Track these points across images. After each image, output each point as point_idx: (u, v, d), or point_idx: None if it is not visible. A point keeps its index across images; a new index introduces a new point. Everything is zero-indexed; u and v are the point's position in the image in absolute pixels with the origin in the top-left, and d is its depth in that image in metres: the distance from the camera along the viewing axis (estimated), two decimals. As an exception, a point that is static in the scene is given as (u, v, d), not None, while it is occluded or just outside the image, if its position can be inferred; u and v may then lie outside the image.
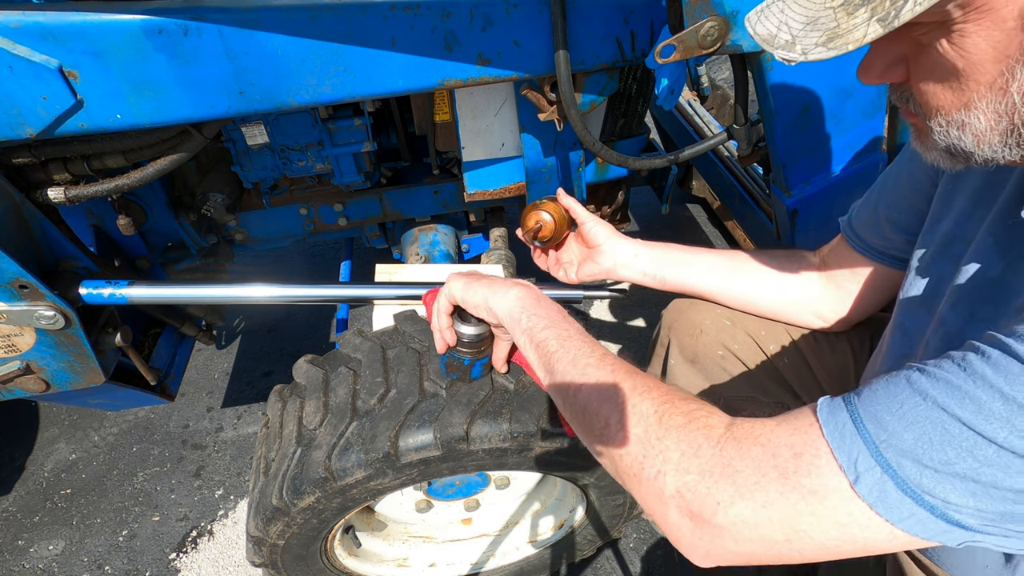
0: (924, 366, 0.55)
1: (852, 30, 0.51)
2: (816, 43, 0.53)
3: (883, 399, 0.55)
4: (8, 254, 0.92)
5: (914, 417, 0.53)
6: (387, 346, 1.08)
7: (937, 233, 0.81)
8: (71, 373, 1.12)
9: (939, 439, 0.51)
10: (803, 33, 0.54)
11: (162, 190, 1.30)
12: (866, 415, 0.55)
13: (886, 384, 0.56)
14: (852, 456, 0.54)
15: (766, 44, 0.57)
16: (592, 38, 1.01)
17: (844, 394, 0.59)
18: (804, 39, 0.54)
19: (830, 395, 0.60)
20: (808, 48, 0.53)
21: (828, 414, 0.57)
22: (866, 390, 0.57)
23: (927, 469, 0.51)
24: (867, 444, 0.54)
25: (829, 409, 0.58)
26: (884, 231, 0.96)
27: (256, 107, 0.94)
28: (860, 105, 1.17)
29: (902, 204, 0.92)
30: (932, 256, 0.82)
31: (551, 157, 1.34)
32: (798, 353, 1.14)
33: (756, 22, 0.59)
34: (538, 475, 1.38)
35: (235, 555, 1.68)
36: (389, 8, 0.89)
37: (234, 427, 2.01)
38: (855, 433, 0.55)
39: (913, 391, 0.54)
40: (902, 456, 0.52)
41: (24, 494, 1.83)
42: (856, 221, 1.01)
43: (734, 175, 1.69)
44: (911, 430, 0.52)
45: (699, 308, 1.20)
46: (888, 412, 0.54)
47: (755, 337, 1.15)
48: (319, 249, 2.70)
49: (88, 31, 0.81)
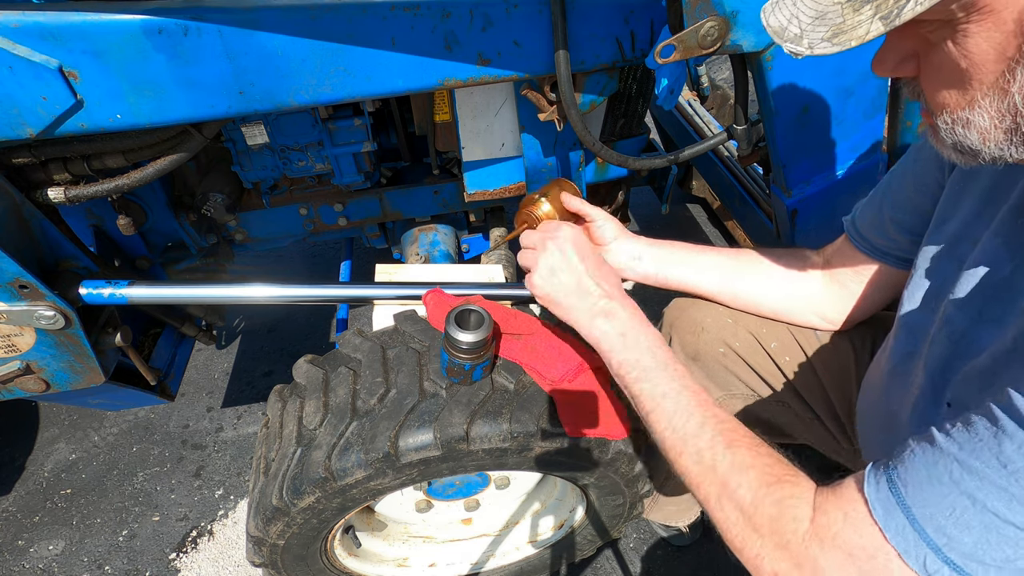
0: (962, 455, 0.58)
1: (856, 27, 0.51)
2: (822, 38, 0.54)
3: (934, 503, 0.59)
4: (8, 254, 0.92)
5: (969, 522, 0.57)
6: (387, 346, 1.08)
7: (944, 233, 0.82)
8: (71, 373, 1.12)
9: (997, 541, 0.56)
10: (811, 27, 0.55)
11: (162, 190, 1.30)
12: (923, 519, 0.59)
13: (931, 479, 0.59)
14: (920, 560, 0.59)
15: (776, 36, 0.58)
16: (592, 38, 1.01)
17: (887, 480, 0.63)
18: (811, 33, 0.55)
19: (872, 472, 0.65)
20: (814, 42, 0.54)
21: (885, 516, 0.62)
22: (912, 482, 0.61)
23: (991, 567, 0.57)
24: (932, 549, 0.59)
25: (884, 510, 0.62)
26: (888, 232, 0.96)
27: (256, 107, 0.94)
28: (860, 105, 1.17)
29: (907, 205, 0.92)
30: (938, 256, 0.82)
31: (551, 157, 1.34)
32: (799, 351, 1.14)
33: (770, 13, 0.60)
34: (538, 475, 1.38)
35: (235, 555, 1.69)
36: (389, 8, 0.89)
37: (234, 427, 2.01)
38: (917, 538, 0.60)
39: (962, 494, 0.57)
40: (967, 558, 0.58)
41: (24, 494, 1.83)
42: (860, 221, 1.01)
43: (734, 175, 1.69)
44: (969, 534, 0.57)
45: (700, 306, 1.20)
46: (944, 518, 0.58)
47: (756, 335, 1.15)
48: (319, 249, 2.70)
49: (88, 31, 0.81)
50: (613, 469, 1.10)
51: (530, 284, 1.02)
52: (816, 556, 0.65)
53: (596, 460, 1.07)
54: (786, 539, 0.67)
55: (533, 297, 1.20)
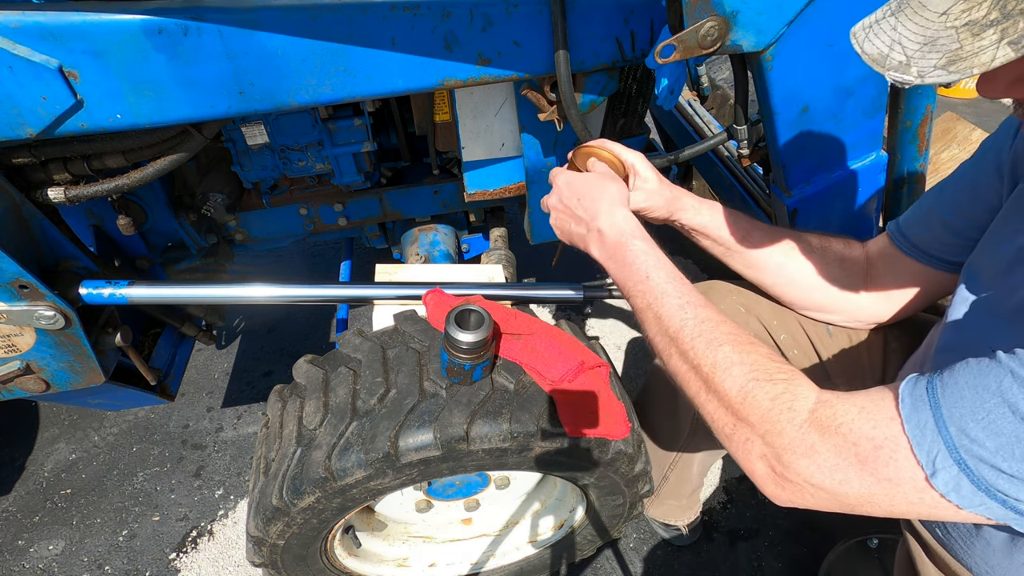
0: (1020, 370, 0.56)
1: (979, 53, 0.48)
2: (935, 65, 0.50)
3: (969, 403, 0.57)
4: (8, 254, 0.92)
5: (999, 428, 0.56)
6: (387, 346, 1.08)
7: (1000, 251, 0.79)
8: (71, 373, 1.12)
9: (1022, 452, 0.54)
10: (919, 54, 0.51)
11: (162, 190, 1.30)
12: (949, 418, 0.58)
13: (974, 383, 0.58)
14: (931, 454, 0.59)
15: (876, 64, 0.54)
16: (592, 38, 1.01)
17: (927, 382, 0.62)
18: (921, 60, 0.51)
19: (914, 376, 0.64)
20: (925, 71, 0.51)
21: (911, 410, 0.61)
22: (951, 384, 0.60)
23: (1004, 475, 0.56)
24: (947, 446, 0.58)
25: (912, 404, 0.61)
26: (938, 233, 0.94)
27: (256, 107, 0.94)
28: (860, 105, 1.16)
29: (962, 210, 0.90)
30: (992, 274, 0.80)
31: (551, 157, 1.34)
32: (809, 346, 1.14)
33: (864, 39, 0.56)
34: (538, 475, 1.38)
35: (235, 555, 1.68)
36: (389, 8, 0.89)
37: (234, 427, 2.01)
38: (936, 433, 0.58)
39: (1002, 401, 0.56)
40: (981, 462, 0.56)
41: (24, 494, 1.83)
42: (905, 223, 1.00)
43: (734, 175, 1.69)
44: (995, 439, 0.56)
45: (714, 294, 1.20)
46: (973, 419, 0.57)
47: (767, 326, 1.15)
48: (319, 249, 2.70)
49: (88, 31, 0.81)
50: (613, 469, 1.10)
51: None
52: (814, 442, 0.64)
53: (596, 460, 1.07)
54: (780, 427, 0.67)
55: (533, 297, 1.20)
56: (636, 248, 0.87)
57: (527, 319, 1.08)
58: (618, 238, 0.89)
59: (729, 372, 0.72)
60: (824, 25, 0.97)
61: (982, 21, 0.48)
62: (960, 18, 0.49)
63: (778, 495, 0.69)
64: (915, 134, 1.23)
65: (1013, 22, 0.46)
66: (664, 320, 0.81)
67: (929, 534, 0.89)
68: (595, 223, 0.92)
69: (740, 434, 0.71)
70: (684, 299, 0.81)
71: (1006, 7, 0.47)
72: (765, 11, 0.90)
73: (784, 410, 0.67)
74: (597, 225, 0.91)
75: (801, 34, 0.96)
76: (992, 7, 0.47)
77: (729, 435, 0.73)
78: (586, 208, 0.94)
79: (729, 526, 1.74)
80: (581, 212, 0.95)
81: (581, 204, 0.95)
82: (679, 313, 0.79)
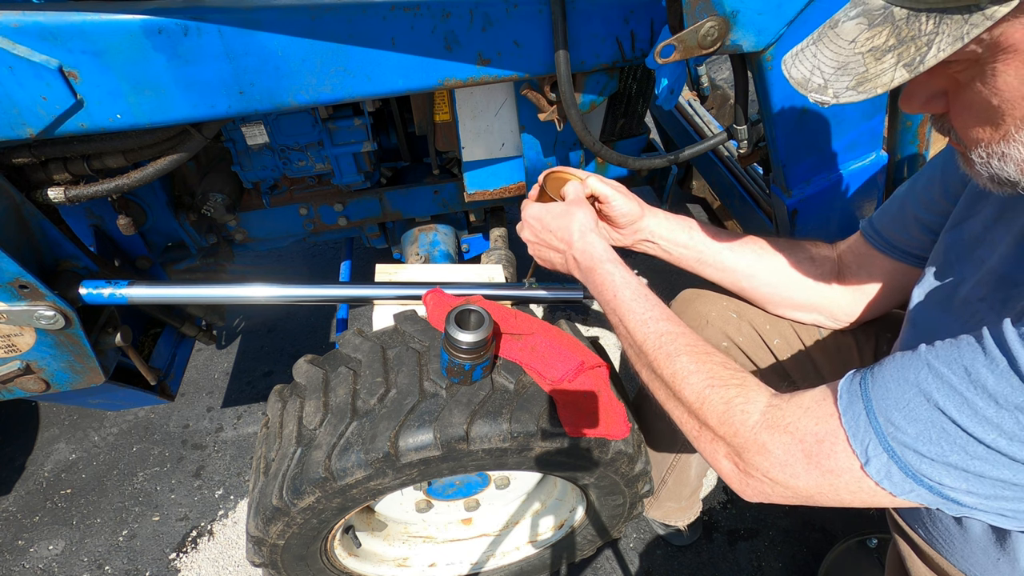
0: (934, 361, 0.62)
1: (880, 75, 0.54)
2: (847, 87, 0.56)
3: (894, 395, 0.64)
4: (8, 254, 0.92)
5: (917, 415, 0.61)
6: (387, 346, 1.08)
7: (962, 234, 0.82)
8: (71, 373, 1.12)
9: (936, 436, 0.60)
10: (834, 77, 0.57)
11: (162, 190, 1.30)
12: (879, 408, 0.64)
13: (898, 376, 0.64)
14: (864, 444, 0.65)
15: (800, 87, 0.60)
16: (592, 38, 1.01)
17: (860, 377, 0.68)
18: (835, 83, 0.57)
19: (852, 372, 0.70)
20: (839, 92, 0.57)
21: (847, 403, 0.67)
22: (879, 378, 0.66)
23: (925, 459, 0.61)
24: (877, 435, 0.64)
25: (848, 399, 0.67)
26: (910, 229, 0.96)
27: (256, 107, 0.94)
28: (860, 105, 1.17)
29: (934, 207, 0.92)
30: (955, 256, 0.83)
31: (551, 157, 1.34)
32: (801, 348, 1.14)
33: (791, 65, 0.62)
34: (538, 475, 1.38)
35: (235, 555, 1.68)
36: (389, 8, 0.89)
37: (234, 427, 2.01)
38: (867, 424, 0.64)
39: (919, 392, 0.62)
40: (905, 447, 0.62)
41: (24, 494, 1.83)
42: (878, 220, 1.01)
43: (734, 175, 1.69)
44: (914, 426, 0.61)
45: (706, 300, 1.21)
46: (896, 409, 0.63)
47: (759, 331, 1.16)
48: (319, 249, 2.70)
49: (88, 31, 0.81)
50: (613, 469, 1.10)
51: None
52: (764, 441, 0.71)
53: (596, 460, 1.07)
54: (735, 428, 0.73)
55: (533, 297, 1.20)
56: (605, 270, 0.93)
57: (527, 319, 1.08)
58: (589, 263, 0.95)
59: (687, 380, 0.79)
60: (824, 25, 0.97)
61: (882, 47, 0.54)
62: (865, 45, 0.56)
63: (744, 491, 0.76)
64: (915, 134, 1.23)
65: (906, 47, 0.52)
66: (632, 334, 0.88)
67: (915, 533, 0.90)
68: (570, 251, 0.99)
69: (704, 436, 0.78)
70: (648, 314, 0.87)
71: (900, 34, 0.53)
72: (765, 11, 0.90)
73: (737, 413, 0.74)
74: (572, 253, 0.98)
75: (801, 34, 0.96)
76: (890, 35, 0.54)
77: (696, 437, 0.80)
78: (560, 238, 1.00)
79: (729, 526, 1.74)
80: (556, 242, 1.01)
81: (554, 235, 1.01)
82: (643, 328, 0.86)
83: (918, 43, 0.52)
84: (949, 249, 0.84)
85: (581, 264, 0.97)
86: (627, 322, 0.89)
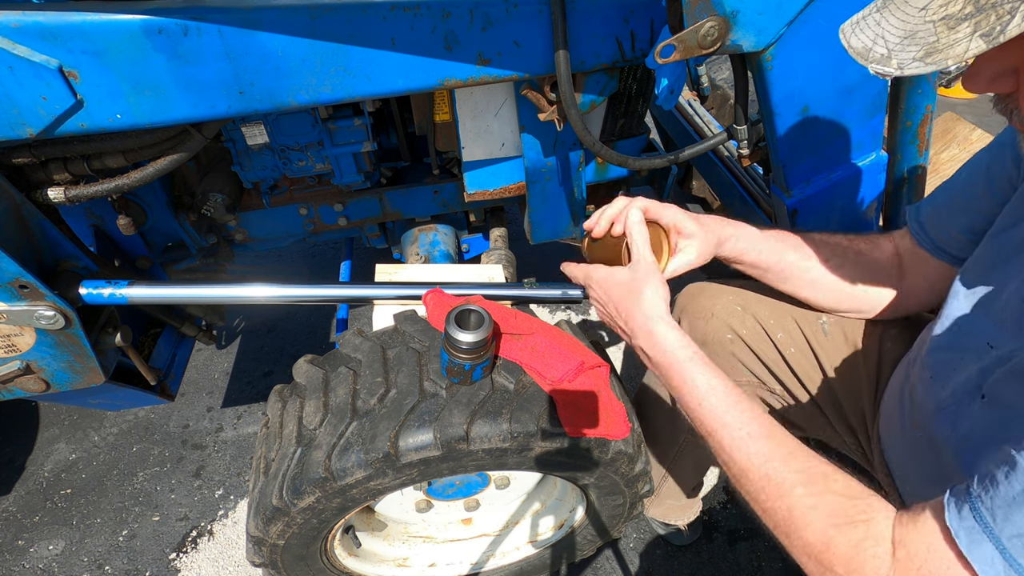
0: None
1: (953, 45, 0.49)
2: (913, 57, 0.51)
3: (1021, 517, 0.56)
4: (8, 254, 0.92)
5: None
6: (387, 346, 1.08)
7: (1012, 237, 0.79)
8: (71, 373, 1.12)
9: None
10: (900, 47, 0.52)
11: (162, 190, 1.30)
12: (1012, 547, 0.56)
13: (1018, 501, 0.56)
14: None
15: (860, 58, 0.55)
16: (592, 38, 1.01)
17: (970, 507, 0.60)
18: (901, 53, 0.52)
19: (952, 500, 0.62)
20: (904, 63, 0.52)
21: (969, 544, 0.59)
22: (996, 500, 0.58)
23: None
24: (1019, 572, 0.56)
25: (968, 538, 0.59)
26: (951, 230, 0.94)
27: (256, 107, 0.94)
28: (860, 105, 1.16)
29: (976, 204, 0.90)
30: (1001, 259, 0.80)
31: (551, 157, 1.34)
32: (804, 343, 1.15)
33: (851, 34, 0.57)
34: (538, 475, 1.38)
35: (235, 555, 1.68)
36: (389, 8, 0.89)
37: (234, 427, 2.01)
38: (1008, 568, 0.57)
39: None
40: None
41: (24, 494, 1.83)
42: (924, 216, 0.99)
43: (734, 175, 1.69)
44: None
45: (711, 293, 1.21)
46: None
47: (763, 324, 1.16)
48: (319, 249, 2.70)
49: (88, 31, 0.81)
50: (613, 469, 1.10)
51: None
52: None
53: (596, 460, 1.07)
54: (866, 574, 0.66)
55: (533, 297, 1.20)
56: (684, 371, 0.84)
57: (527, 319, 1.08)
58: (661, 359, 0.86)
59: (807, 519, 0.70)
60: (824, 25, 0.97)
61: (958, 15, 0.49)
62: (938, 12, 0.50)
63: None
64: (915, 134, 1.23)
65: (985, 16, 0.47)
66: (727, 452, 0.78)
67: None
68: (635, 340, 0.90)
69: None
70: (745, 429, 0.78)
71: (979, 1, 0.48)
72: (765, 11, 0.90)
73: (869, 559, 0.66)
74: (638, 343, 0.89)
75: (801, 34, 0.96)
76: (967, 2, 0.48)
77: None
78: (624, 320, 0.91)
79: (729, 526, 1.74)
80: (620, 323, 0.93)
81: (618, 315, 0.92)
82: (743, 448, 0.77)
83: (999, 11, 0.46)
84: (996, 251, 0.81)
85: (652, 358, 0.88)
86: (722, 439, 0.79)
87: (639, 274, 0.92)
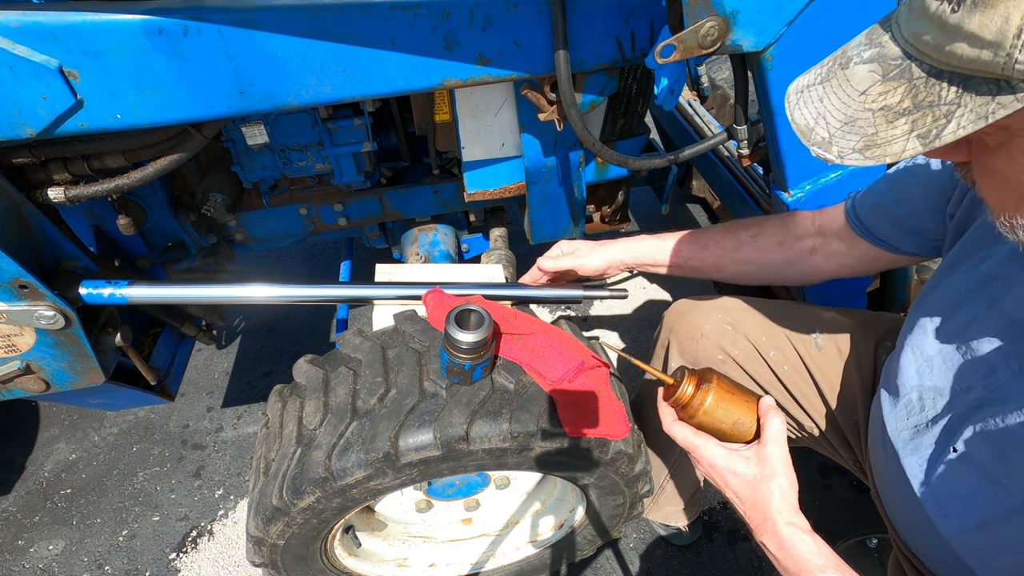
0: None
1: (891, 141, 0.49)
2: (853, 148, 0.51)
3: None
4: (8, 254, 0.92)
5: None
6: (387, 346, 1.08)
7: (971, 266, 0.79)
8: (71, 373, 1.12)
9: None
10: (840, 133, 0.52)
11: (162, 190, 1.30)
12: None
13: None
14: None
15: (802, 136, 0.55)
16: (592, 38, 1.01)
17: None
18: (841, 140, 0.52)
19: None
20: (844, 152, 0.51)
21: None
22: None
23: None
24: None
25: None
26: (884, 222, 0.98)
27: (256, 107, 0.94)
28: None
29: (909, 205, 0.93)
30: (965, 291, 0.79)
31: (551, 157, 1.34)
32: (798, 361, 1.14)
33: (794, 107, 0.57)
34: (538, 475, 1.38)
35: (235, 555, 1.68)
36: (389, 8, 0.89)
37: (234, 427, 2.01)
38: None
39: None
40: None
41: (24, 494, 1.83)
42: (860, 206, 1.02)
43: (734, 175, 1.69)
44: None
45: (700, 312, 1.20)
46: None
47: (755, 343, 1.15)
48: (319, 249, 2.70)
49: (88, 31, 0.81)
50: (613, 469, 1.10)
51: None
52: None
53: (596, 460, 1.07)
54: None
55: (533, 297, 1.20)
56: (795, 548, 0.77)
57: (527, 319, 1.08)
58: (792, 565, 0.78)
59: None
60: (824, 25, 0.97)
61: (896, 108, 0.48)
62: (877, 101, 0.50)
63: None
64: (915, 134, 1.22)
65: (922, 115, 0.47)
66: None
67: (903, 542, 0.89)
68: (760, 537, 0.83)
69: None
70: None
71: (917, 97, 0.47)
72: (765, 11, 0.90)
73: None
74: (763, 540, 0.82)
75: (801, 34, 0.96)
76: (905, 95, 0.48)
77: None
78: (746, 513, 0.85)
79: (729, 526, 1.74)
80: (746, 508, 0.85)
81: (743, 503, 0.85)
82: None
83: (935, 112, 0.46)
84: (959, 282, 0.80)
85: (779, 560, 0.80)
86: None
87: (767, 470, 0.83)
